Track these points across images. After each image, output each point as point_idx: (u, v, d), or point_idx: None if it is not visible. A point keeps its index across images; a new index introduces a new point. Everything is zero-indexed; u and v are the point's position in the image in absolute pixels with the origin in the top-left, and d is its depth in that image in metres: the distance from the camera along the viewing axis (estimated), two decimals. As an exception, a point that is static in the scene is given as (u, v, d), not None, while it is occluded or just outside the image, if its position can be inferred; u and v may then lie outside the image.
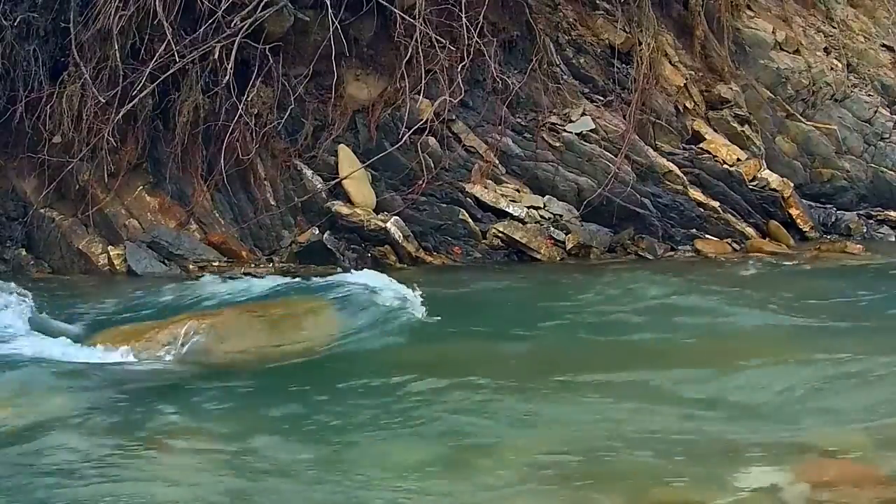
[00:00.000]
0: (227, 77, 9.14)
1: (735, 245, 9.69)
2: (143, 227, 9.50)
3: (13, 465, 4.83)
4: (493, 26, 9.83)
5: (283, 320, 7.13)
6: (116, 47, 9.16)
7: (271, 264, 9.22)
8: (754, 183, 9.90)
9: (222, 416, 5.51)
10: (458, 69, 9.48)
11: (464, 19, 9.43)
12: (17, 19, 9.44)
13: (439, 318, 7.16)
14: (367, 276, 7.95)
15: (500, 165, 9.74)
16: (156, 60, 9.12)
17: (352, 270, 8.60)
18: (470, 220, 9.47)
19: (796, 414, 5.32)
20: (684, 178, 9.80)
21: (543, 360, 6.41)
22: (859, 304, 7.68)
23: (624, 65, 10.05)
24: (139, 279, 9.00)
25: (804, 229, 9.96)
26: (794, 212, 9.95)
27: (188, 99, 9.29)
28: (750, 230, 9.79)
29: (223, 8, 9.11)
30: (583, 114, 9.88)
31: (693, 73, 10.33)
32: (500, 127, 9.74)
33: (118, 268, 9.23)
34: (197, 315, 7.27)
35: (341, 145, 9.66)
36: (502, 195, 9.59)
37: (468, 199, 9.55)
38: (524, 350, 6.64)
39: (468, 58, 9.50)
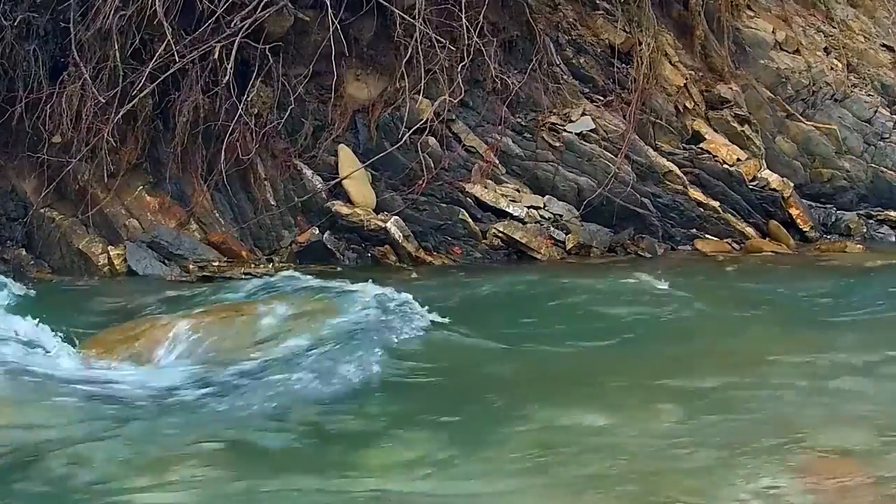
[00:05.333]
0: (227, 77, 9.13)
1: (735, 245, 9.70)
2: (143, 227, 9.49)
3: (6, 476, 4.79)
4: (493, 26, 9.83)
5: (281, 320, 7.11)
6: (116, 47, 9.16)
7: (271, 264, 9.21)
8: (754, 183, 9.91)
9: (221, 417, 5.50)
10: (458, 69, 9.48)
11: (464, 19, 9.43)
12: (17, 19, 9.42)
13: (439, 317, 7.15)
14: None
15: (500, 165, 9.75)
16: (156, 60, 9.11)
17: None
18: (470, 220, 9.48)
19: (798, 412, 5.32)
20: (684, 178, 9.81)
21: (543, 360, 6.41)
22: (860, 304, 7.68)
23: (624, 65, 10.05)
24: (139, 279, 9.00)
25: (804, 229, 9.96)
26: (794, 212, 9.96)
27: (188, 99, 9.28)
28: (750, 230, 9.80)
29: (223, 8, 9.11)
30: (583, 114, 9.88)
31: (693, 73, 10.33)
32: (500, 127, 9.75)
33: (118, 268, 9.22)
34: (195, 315, 7.26)
35: (341, 145, 9.67)
36: (502, 195, 9.60)
37: (468, 199, 9.56)
38: (523, 349, 6.63)
39: (468, 58, 9.51)
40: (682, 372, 6.02)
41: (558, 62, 10.08)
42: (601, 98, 10.04)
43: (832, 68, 10.77)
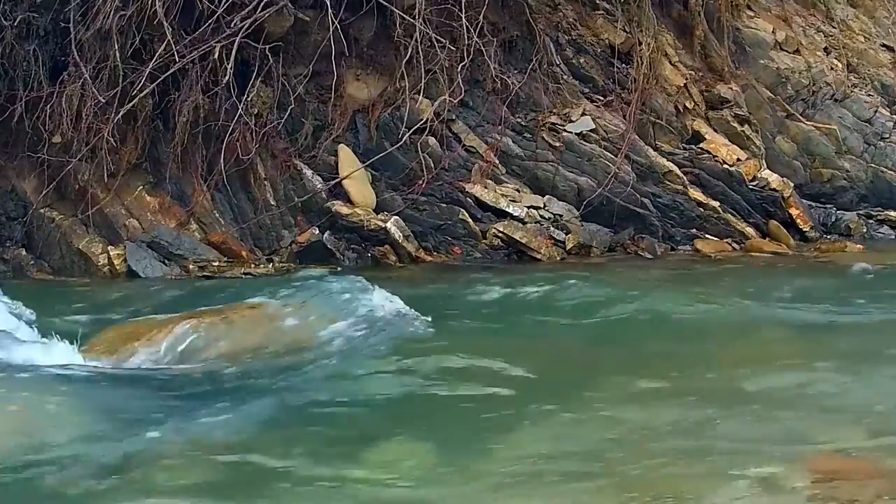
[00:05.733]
0: (227, 77, 9.14)
1: (735, 245, 9.71)
2: (143, 227, 9.50)
3: (6, 476, 4.78)
4: (493, 26, 9.84)
5: (280, 321, 7.11)
6: (116, 47, 9.16)
7: (271, 264, 9.22)
8: (754, 183, 9.91)
9: (220, 418, 5.49)
10: (458, 69, 9.49)
11: (464, 19, 9.43)
12: (17, 19, 9.43)
13: (439, 318, 7.15)
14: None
15: (500, 165, 9.75)
16: (156, 60, 9.12)
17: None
18: (470, 220, 9.48)
19: (798, 409, 5.32)
20: (684, 178, 9.82)
21: (542, 360, 6.40)
22: (859, 303, 7.68)
23: (624, 65, 10.06)
24: (139, 279, 9.01)
25: (804, 229, 9.96)
26: (794, 212, 9.96)
27: (188, 99, 9.29)
28: (750, 230, 9.80)
29: (223, 8, 9.11)
30: (583, 114, 9.88)
31: (693, 73, 10.33)
32: (500, 127, 9.75)
33: (118, 268, 9.23)
34: (194, 315, 7.26)
35: (341, 145, 9.67)
36: (502, 195, 9.60)
37: (468, 199, 9.56)
38: (520, 349, 6.63)
39: (468, 58, 9.51)
40: (681, 372, 6.03)
41: (558, 62, 10.08)
42: (601, 98, 10.05)
43: (832, 68, 10.78)
